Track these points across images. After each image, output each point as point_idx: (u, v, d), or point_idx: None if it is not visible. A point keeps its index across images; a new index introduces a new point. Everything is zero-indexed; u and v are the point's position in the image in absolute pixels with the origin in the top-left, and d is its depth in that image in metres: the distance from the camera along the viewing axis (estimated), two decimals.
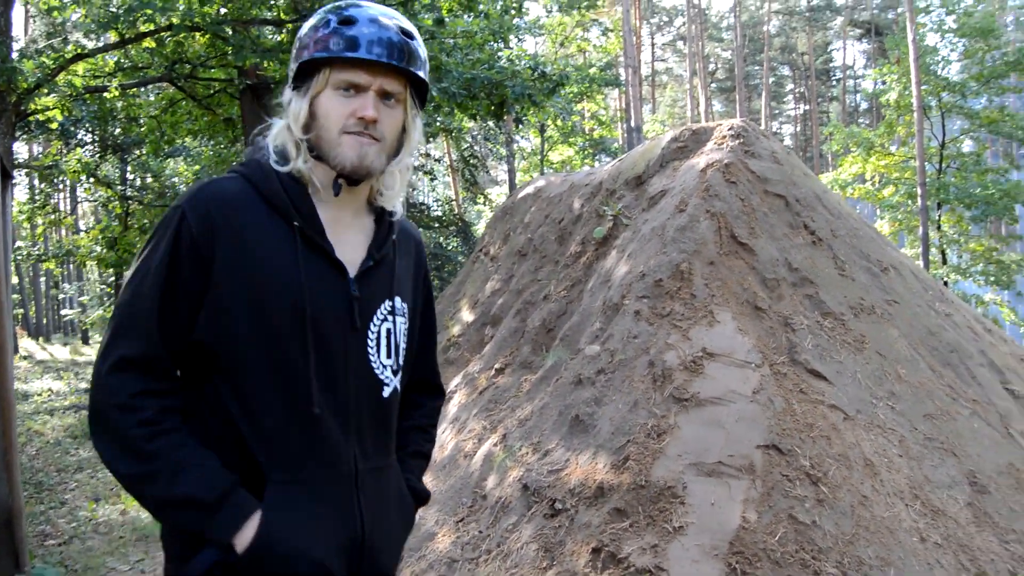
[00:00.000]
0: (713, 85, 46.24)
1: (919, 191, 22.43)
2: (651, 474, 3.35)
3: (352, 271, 1.61)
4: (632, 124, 24.77)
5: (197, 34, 9.98)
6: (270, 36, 10.06)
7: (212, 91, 12.33)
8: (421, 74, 1.61)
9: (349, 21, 1.55)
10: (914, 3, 24.24)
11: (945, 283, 24.07)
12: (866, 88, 43.02)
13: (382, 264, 1.67)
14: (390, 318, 1.67)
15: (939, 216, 24.17)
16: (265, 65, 10.03)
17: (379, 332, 1.64)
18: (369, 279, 1.63)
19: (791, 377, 3.75)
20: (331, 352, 1.55)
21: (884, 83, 25.69)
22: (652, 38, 45.32)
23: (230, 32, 9.20)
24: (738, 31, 41.35)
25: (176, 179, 18.78)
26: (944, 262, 24.18)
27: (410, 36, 1.59)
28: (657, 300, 4.08)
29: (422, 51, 1.62)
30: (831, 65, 49.47)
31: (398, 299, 1.69)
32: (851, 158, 25.12)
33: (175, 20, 9.07)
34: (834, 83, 49.43)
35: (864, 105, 49.07)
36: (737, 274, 4.16)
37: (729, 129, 4.91)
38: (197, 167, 18.02)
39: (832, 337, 4.03)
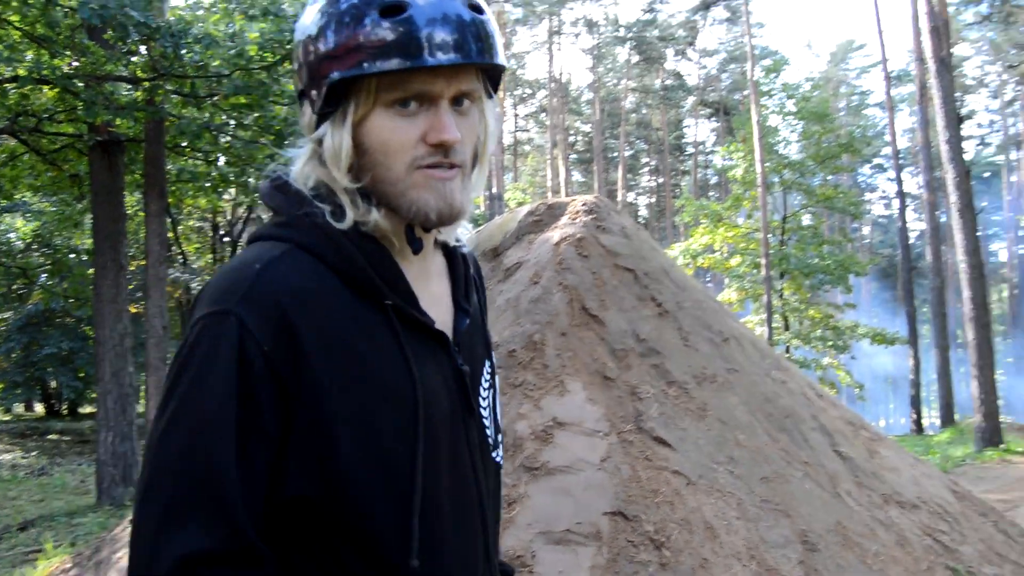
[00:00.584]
0: (573, 156, 47.98)
1: (763, 261, 23.81)
2: (502, 544, 3.39)
3: (448, 333, 1.20)
4: (494, 192, 25.30)
5: (45, 87, 9.61)
6: (125, 92, 9.80)
7: (58, 146, 11.83)
8: (503, 61, 1.14)
9: (397, 8, 1.04)
10: (758, 87, 26.08)
11: (787, 349, 25.50)
12: (715, 163, 45.58)
13: (473, 317, 1.27)
14: (491, 381, 1.30)
15: (781, 285, 25.68)
16: (118, 122, 9.75)
17: (489, 404, 1.27)
18: (467, 341, 1.24)
19: (637, 445, 3.90)
20: (458, 456, 1.17)
21: (731, 159, 27.35)
22: (515, 109, 46.73)
23: (81, 87, 8.91)
24: (597, 106, 43.27)
25: (12, 235, 17.73)
26: (787, 328, 25.63)
27: (480, 9, 1.09)
28: (510, 371, 4.18)
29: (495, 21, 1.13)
30: (684, 141, 52.33)
31: (493, 355, 1.33)
32: (701, 229, 26.43)
33: (21, 72, 8.72)
34: (686, 158, 52.22)
35: (714, 179, 51.99)
36: (588, 345, 4.32)
37: (583, 204, 5.13)
38: (37, 223, 17.10)
39: (677, 405, 4.23)
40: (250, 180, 12.63)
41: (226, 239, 14.96)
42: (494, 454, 1.26)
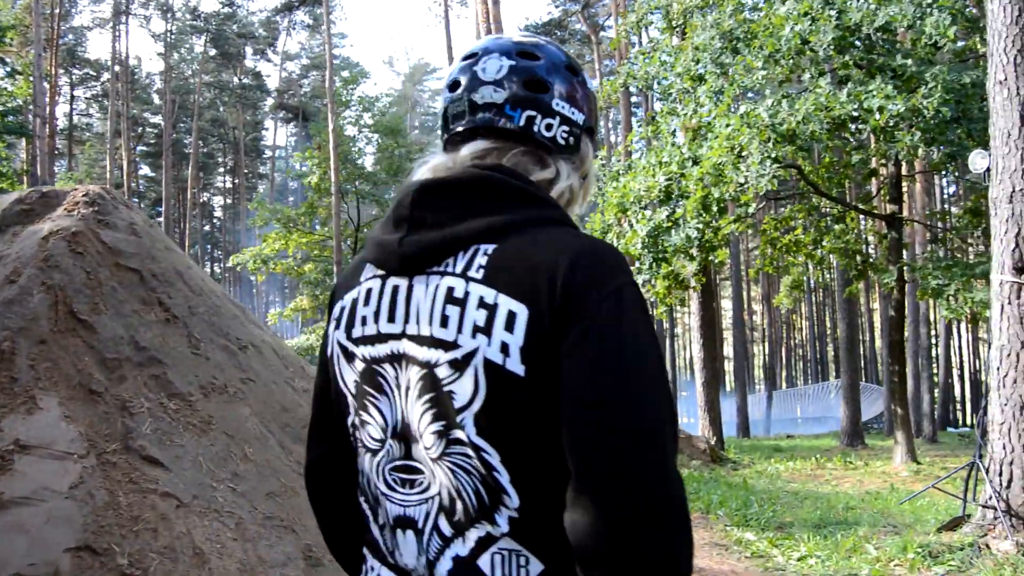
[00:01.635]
0: (140, 148, 44.32)
1: (335, 269, 24.03)
2: None
3: None
4: (38, 179, 22.42)
5: None
6: None
7: None
8: None
9: None
10: (336, 96, 26.29)
11: None
12: (290, 169, 45.45)
13: None
14: None
15: None
16: None
17: None
18: None
19: (122, 466, 3.46)
20: None
21: (307, 166, 27.25)
22: (73, 89, 41.88)
23: None
24: (168, 96, 40.42)
25: None
26: None
27: None
28: None
29: None
30: (262, 143, 51.07)
31: None
32: (275, 234, 25.94)
33: None
34: (265, 160, 51.06)
35: (294, 184, 51.58)
36: (72, 354, 3.77)
37: (84, 195, 4.53)
38: None
39: (176, 420, 3.86)
40: None
41: None
42: None
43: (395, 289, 1.17)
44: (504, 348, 1.06)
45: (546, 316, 1.05)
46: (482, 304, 1.08)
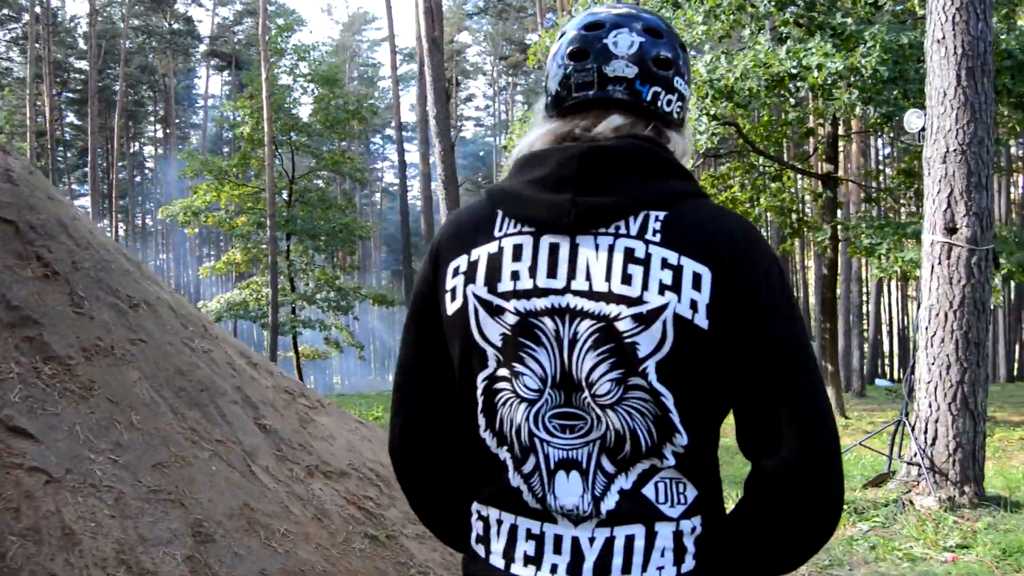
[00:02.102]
0: (65, 95, 42.41)
1: (268, 222, 23.40)
2: None
3: None
4: None
5: None
6: None
7: None
8: None
9: None
10: (269, 44, 25.36)
11: (294, 310, 25.47)
12: (219, 119, 44.28)
13: None
14: None
15: (288, 246, 25.50)
16: None
17: None
18: None
19: None
20: None
21: (239, 116, 26.33)
22: None
23: None
24: (93, 41, 38.63)
25: None
26: (293, 289, 25.59)
27: None
28: None
29: None
30: (195, 92, 49.33)
31: None
32: (206, 185, 25.12)
33: None
34: (198, 110, 49.39)
35: (230, 135, 50.18)
36: None
37: None
38: None
39: (51, 386, 3.53)
40: None
41: None
42: None
43: (554, 247, 1.24)
44: (693, 305, 1.18)
45: (728, 277, 1.19)
46: (666, 265, 1.20)
